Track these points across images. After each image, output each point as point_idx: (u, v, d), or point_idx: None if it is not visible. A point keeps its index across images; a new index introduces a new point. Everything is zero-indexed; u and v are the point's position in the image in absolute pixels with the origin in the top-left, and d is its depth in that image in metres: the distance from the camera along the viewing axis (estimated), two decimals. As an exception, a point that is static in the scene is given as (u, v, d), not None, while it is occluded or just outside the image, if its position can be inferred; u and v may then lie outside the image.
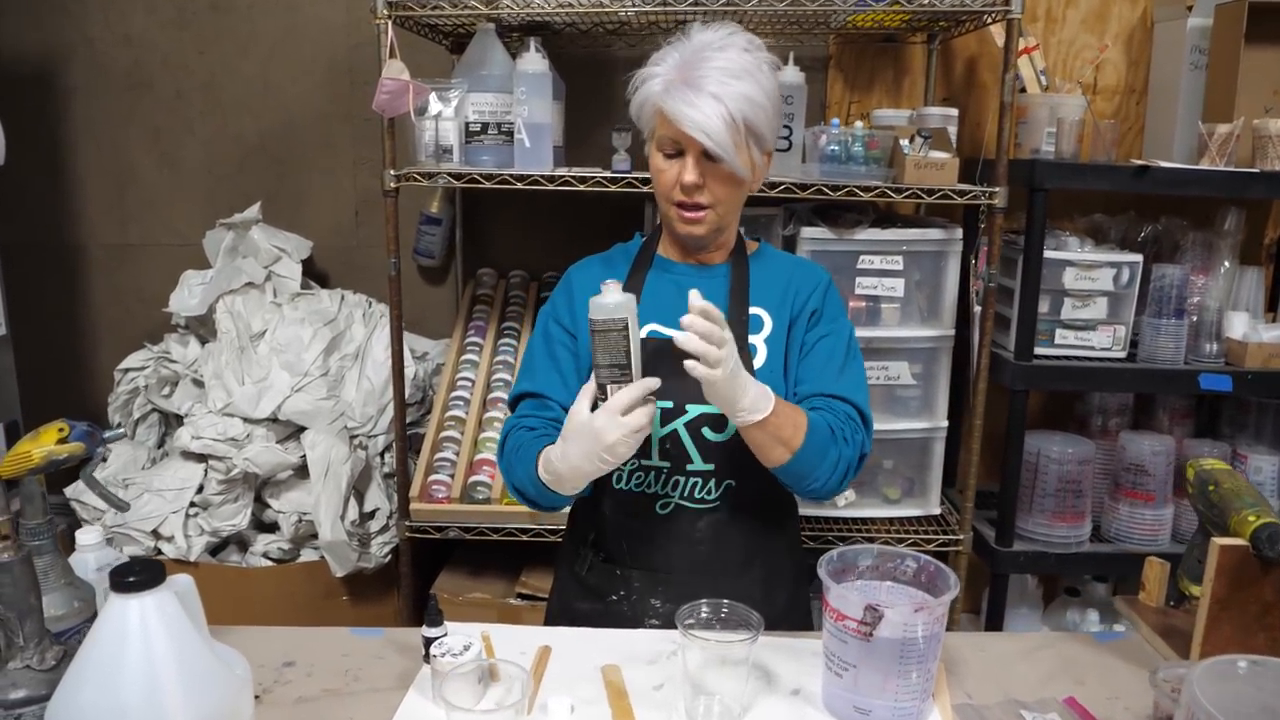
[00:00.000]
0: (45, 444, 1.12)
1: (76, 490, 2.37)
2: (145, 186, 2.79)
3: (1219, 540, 1.17)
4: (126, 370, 2.59)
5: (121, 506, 1.27)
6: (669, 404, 1.36)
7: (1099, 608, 2.41)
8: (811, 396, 1.38)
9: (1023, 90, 2.30)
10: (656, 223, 1.55)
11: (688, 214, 1.36)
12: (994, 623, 2.29)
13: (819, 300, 1.46)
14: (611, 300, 1.20)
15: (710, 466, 1.38)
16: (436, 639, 1.26)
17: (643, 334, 1.38)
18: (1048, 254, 2.13)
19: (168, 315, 2.59)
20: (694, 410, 1.37)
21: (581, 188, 2.02)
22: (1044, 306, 2.18)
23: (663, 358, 1.33)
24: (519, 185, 2.02)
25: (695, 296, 1.18)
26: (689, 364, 1.18)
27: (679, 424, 1.37)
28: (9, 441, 2.38)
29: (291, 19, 2.65)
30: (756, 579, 1.44)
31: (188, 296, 2.56)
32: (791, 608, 1.47)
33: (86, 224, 2.83)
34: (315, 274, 2.78)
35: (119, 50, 2.70)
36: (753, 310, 1.43)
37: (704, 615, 1.17)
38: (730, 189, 1.36)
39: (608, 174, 2.04)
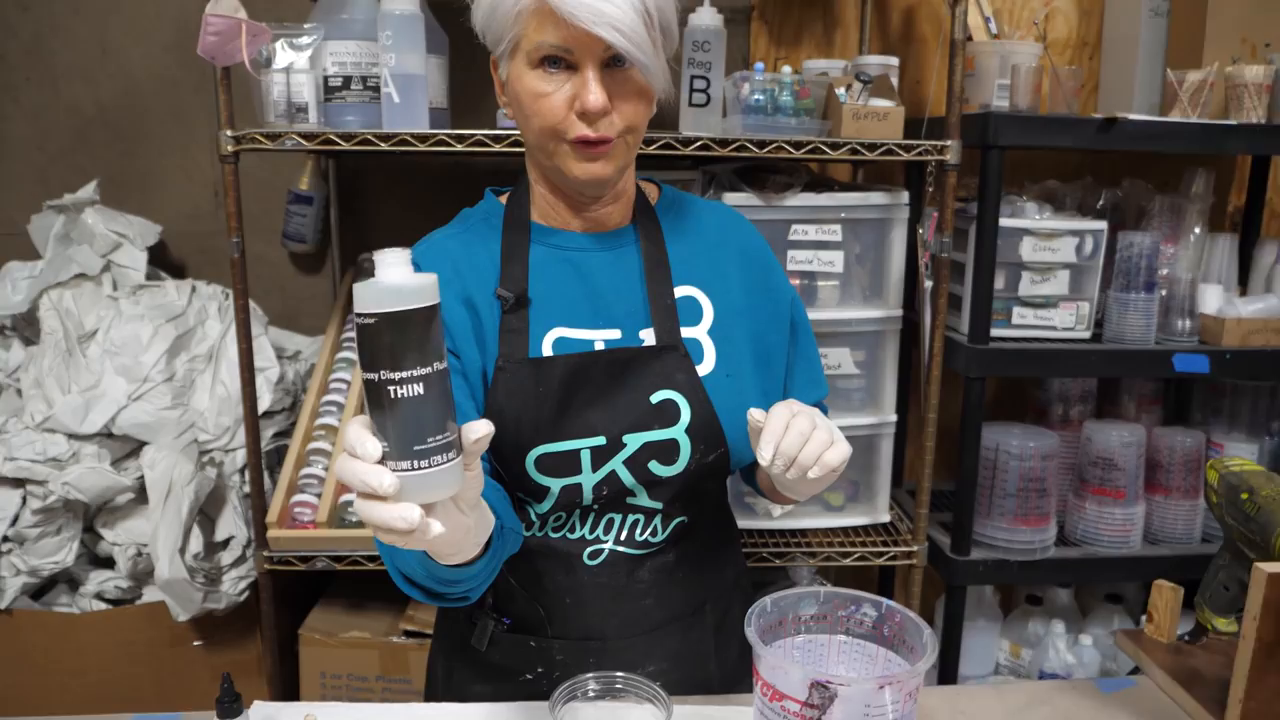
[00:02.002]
0: None
1: None
2: (-35, 166, 2.39)
3: (1265, 567, 0.89)
4: (-59, 381, 2.19)
5: None
6: (600, 440, 1.02)
7: (1063, 616, 2.15)
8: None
9: (968, 39, 2.03)
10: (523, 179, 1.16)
11: (592, 148, 0.99)
12: (950, 638, 2.01)
13: (783, 277, 1.16)
14: (395, 282, 0.70)
15: (657, 504, 1.06)
16: (234, 735, 0.92)
17: (549, 341, 1.05)
18: (1003, 222, 1.87)
19: (-4, 316, 2.21)
20: (634, 442, 1.03)
21: (459, 148, 1.69)
22: (999, 282, 1.91)
23: (580, 377, 1.01)
24: (383, 146, 1.68)
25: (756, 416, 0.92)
26: (822, 473, 0.89)
27: (617, 462, 1.03)
28: None
29: (129, -32, 2.27)
30: (707, 630, 1.13)
31: (10, 292, 2.17)
32: (745, 657, 1.16)
33: (-105, 211, 2.41)
34: (169, 264, 2.41)
35: (-75, 5, 2.30)
36: (681, 291, 1.10)
37: (591, 693, 0.86)
38: (643, 109, 1.01)
39: (491, 132, 1.71)
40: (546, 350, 1.04)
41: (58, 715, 1.87)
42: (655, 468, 1.04)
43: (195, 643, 1.95)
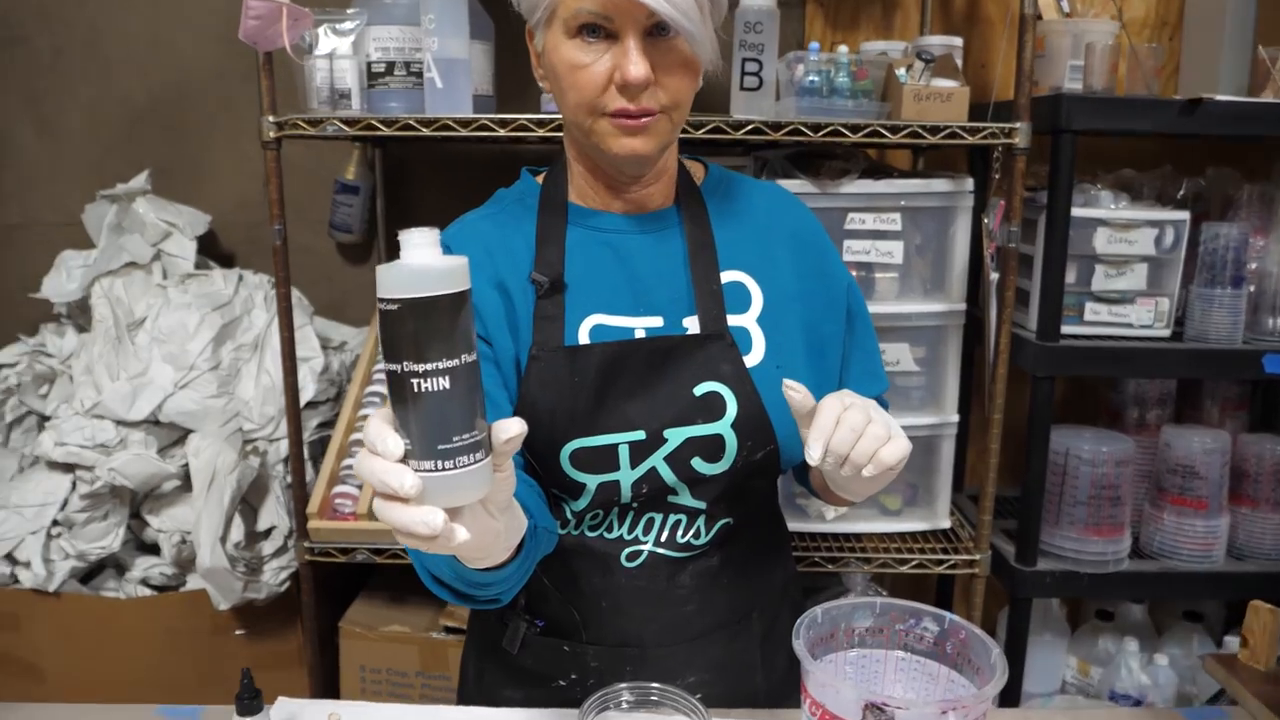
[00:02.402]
0: None
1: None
2: (25, 158, 2.40)
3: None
4: (0, 367, 2.20)
5: None
6: (639, 435, 0.96)
7: (1137, 634, 2.03)
8: None
9: (1038, 18, 1.92)
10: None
11: (630, 121, 0.92)
12: (1014, 653, 1.91)
13: (839, 263, 1.08)
14: (421, 265, 0.64)
15: (701, 504, 1.00)
16: (250, 736, 0.87)
17: (585, 329, 0.98)
18: (1076, 212, 1.76)
19: (51, 304, 2.21)
20: (676, 437, 0.97)
21: (502, 133, 1.64)
22: (1070, 276, 1.81)
23: (618, 366, 0.95)
24: (425, 131, 1.64)
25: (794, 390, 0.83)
26: (877, 471, 0.82)
27: (657, 459, 0.97)
28: None
29: (181, -40, 2.27)
30: (753, 639, 1.06)
31: (65, 280, 2.19)
32: (795, 667, 1.09)
33: (-43, 201, 2.44)
34: (218, 253, 2.41)
35: (-14, -1, 2.32)
36: (728, 276, 1.03)
37: (625, 704, 0.80)
38: (688, 82, 0.94)
39: (535, 116, 1.65)
40: (583, 338, 0.98)
41: (99, 701, 1.87)
42: (698, 465, 0.97)
43: (237, 632, 1.93)
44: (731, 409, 0.98)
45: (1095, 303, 1.84)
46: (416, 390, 0.63)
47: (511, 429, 0.68)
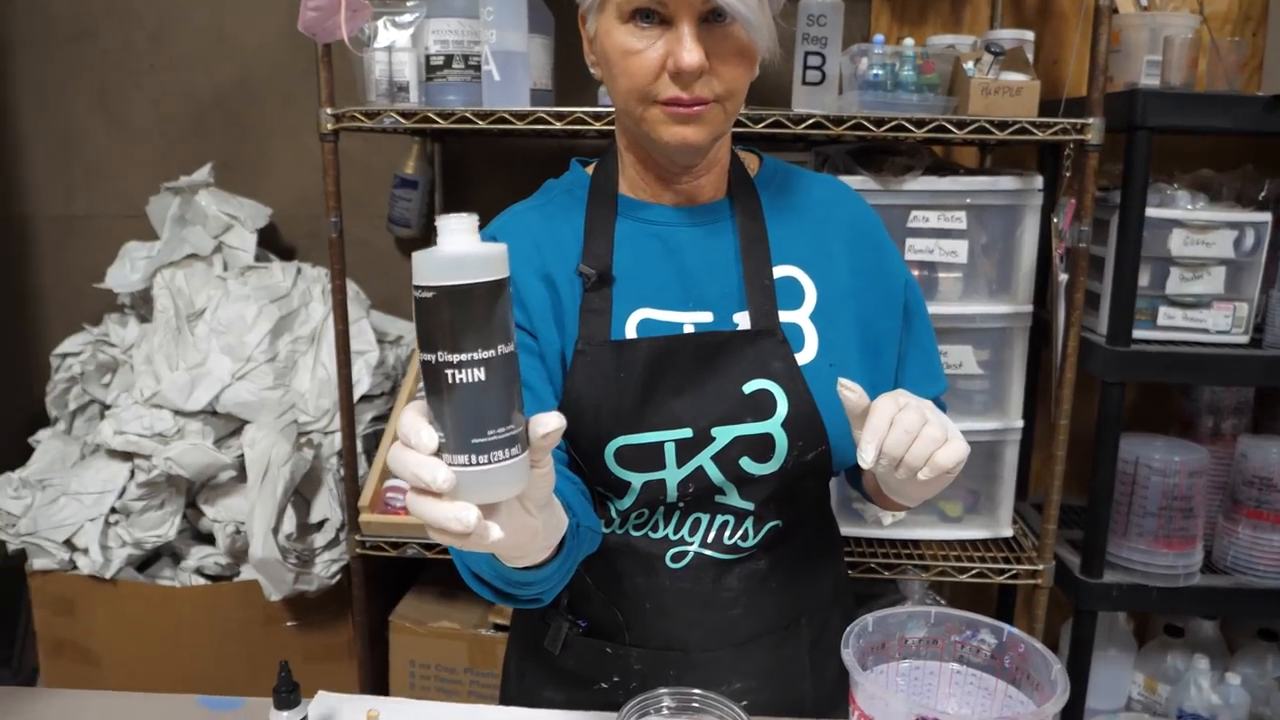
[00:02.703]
0: None
1: (-12, 495, 2.03)
2: (94, 151, 2.45)
3: None
4: (64, 356, 2.25)
5: None
6: (686, 433, 0.93)
7: (1208, 651, 1.95)
8: None
9: (1114, 12, 1.85)
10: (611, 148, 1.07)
11: (683, 109, 0.89)
12: (1078, 667, 1.84)
13: (898, 259, 1.04)
14: (458, 252, 0.62)
15: (749, 504, 0.97)
16: (289, 729, 0.86)
17: (633, 323, 0.96)
18: (1150, 212, 1.69)
19: (115, 294, 2.26)
20: (724, 435, 0.94)
21: (558, 126, 1.62)
22: (1143, 279, 1.74)
23: (665, 362, 0.92)
24: (481, 124, 1.63)
25: (849, 390, 0.80)
26: (933, 474, 0.78)
27: (704, 457, 0.94)
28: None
29: (247, -47, 2.30)
30: (801, 647, 1.02)
31: (128, 271, 2.23)
32: (844, 679, 1.05)
33: (31, 193, 2.50)
34: (279, 246, 2.43)
35: (60, -6, 2.37)
36: (781, 271, 0.99)
37: (666, 710, 0.77)
38: (743, 71, 0.91)
39: (591, 109, 1.63)
40: (630, 332, 0.96)
41: (152, 688, 1.89)
42: (747, 465, 0.94)
43: (288, 623, 1.95)
44: (782, 407, 0.94)
45: (1169, 307, 1.77)
46: (451, 381, 0.61)
47: (550, 423, 0.65)
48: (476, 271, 0.60)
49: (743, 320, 0.97)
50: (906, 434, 0.77)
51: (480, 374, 0.61)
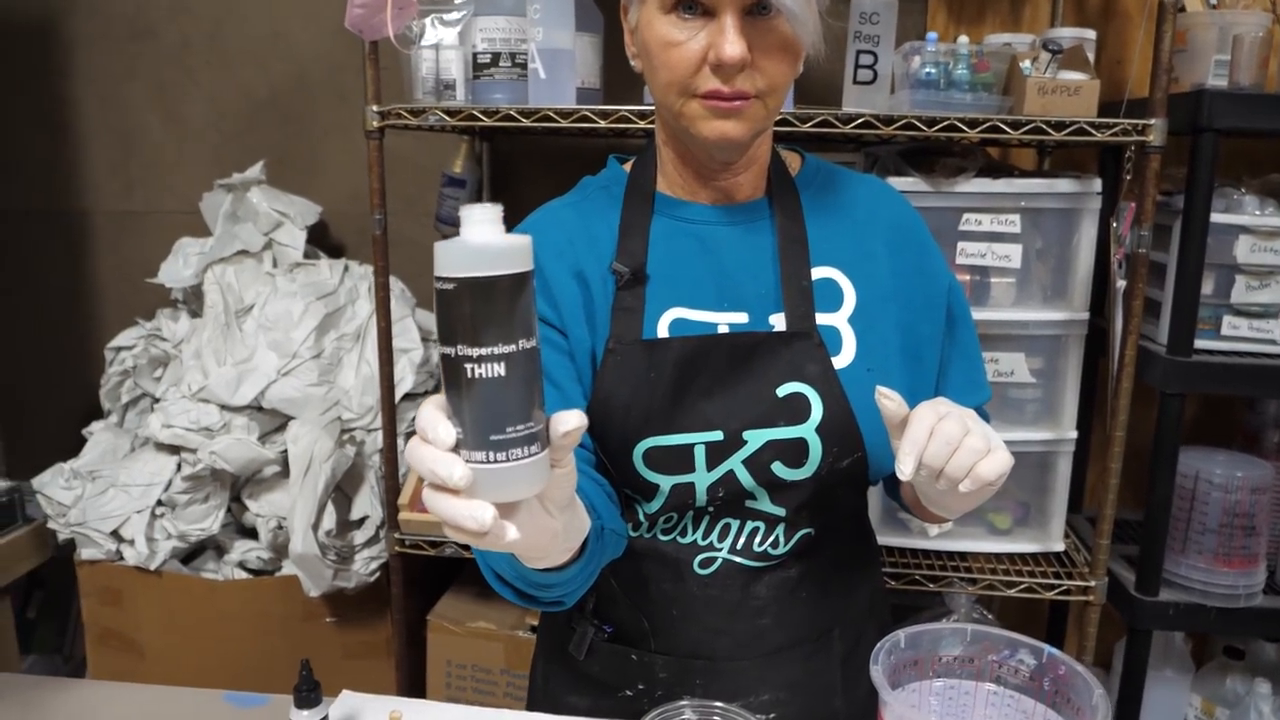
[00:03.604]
0: None
1: (41, 483, 2.07)
2: (150, 147, 2.50)
3: None
4: (118, 349, 2.29)
5: None
6: (717, 435, 0.91)
7: (1270, 675, 1.87)
8: None
9: (1181, 10, 1.79)
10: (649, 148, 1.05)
11: (723, 103, 0.87)
12: (1131, 688, 1.78)
13: (941, 261, 1.00)
14: (480, 243, 0.61)
15: (781, 510, 0.94)
16: (310, 728, 0.85)
17: (665, 322, 0.94)
18: (1215, 218, 1.62)
19: (168, 288, 2.29)
20: (756, 439, 0.91)
21: (603, 124, 1.60)
22: (1207, 287, 1.67)
23: (697, 363, 0.90)
24: (525, 122, 1.62)
25: (887, 399, 0.78)
26: (975, 487, 0.75)
27: (735, 461, 0.92)
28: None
29: (301, -47, 2.32)
30: (833, 660, 0.99)
31: (181, 267, 2.26)
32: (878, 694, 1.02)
33: (90, 188, 2.55)
34: (330, 245, 2.45)
35: (121, -7, 2.42)
36: (820, 273, 0.97)
37: (689, 723, 0.75)
38: (787, 67, 0.88)
39: (637, 108, 1.62)
40: (662, 332, 0.94)
41: (193, 678, 1.91)
42: (779, 470, 0.92)
43: (328, 619, 1.96)
44: (817, 412, 0.92)
45: (1234, 316, 1.70)
46: (470, 376, 0.60)
47: (570, 421, 0.63)
48: (499, 264, 0.59)
49: (778, 322, 0.95)
50: (947, 445, 0.74)
51: (500, 369, 0.60)
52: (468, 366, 0.60)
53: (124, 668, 1.99)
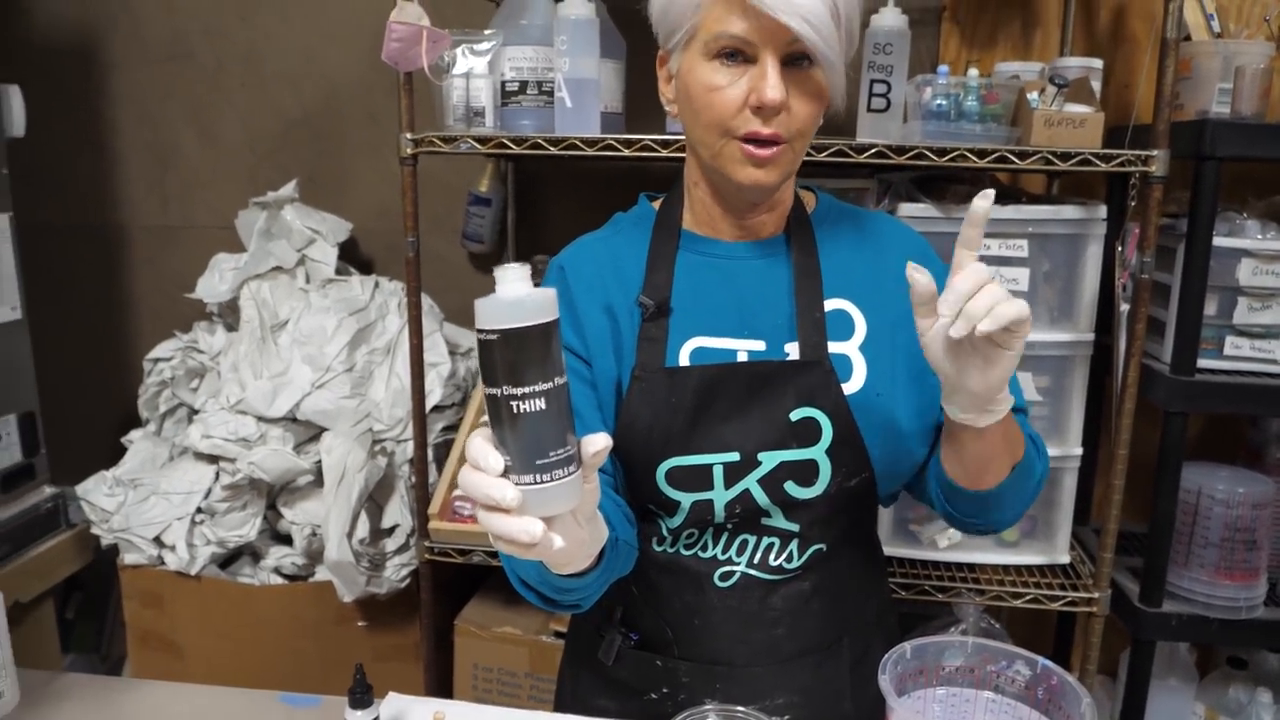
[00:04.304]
0: None
1: (85, 490, 2.16)
2: (187, 164, 2.59)
3: None
4: (156, 361, 2.38)
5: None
6: (734, 456, 0.99)
7: (1272, 685, 1.92)
8: None
9: (1186, 38, 1.85)
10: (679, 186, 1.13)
11: (761, 151, 0.94)
12: (1136, 698, 1.84)
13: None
14: (514, 298, 0.69)
15: (794, 526, 1.01)
16: (362, 728, 0.93)
17: (686, 351, 1.02)
18: (1217, 242, 1.68)
19: (204, 302, 2.38)
20: (770, 460, 0.99)
21: (627, 153, 1.68)
22: (1210, 308, 1.73)
23: (715, 389, 0.98)
24: (553, 150, 1.69)
25: (916, 272, 0.83)
26: (995, 326, 0.79)
27: (750, 480, 0.99)
28: (24, 434, 2.20)
29: (335, -21, 2.40)
30: (842, 667, 1.06)
31: (217, 282, 2.34)
32: (885, 699, 1.08)
33: (127, 204, 2.65)
34: (359, 260, 2.53)
35: (160, 19, 2.50)
36: (833, 304, 1.04)
37: (713, 727, 0.82)
38: (815, 112, 0.97)
39: (660, 137, 1.69)
40: (684, 360, 1.01)
41: (230, 679, 1.99)
42: (792, 489, 0.99)
43: (359, 623, 2.03)
44: (827, 435, 0.99)
45: (1237, 336, 1.76)
46: (515, 411, 0.69)
47: (598, 442, 0.72)
48: (532, 315, 0.68)
49: (793, 350, 1.02)
50: (969, 289, 0.80)
51: (540, 404, 0.69)
52: (512, 403, 0.69)
53: (164, 668, 2.07)
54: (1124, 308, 1.67)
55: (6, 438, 2.14)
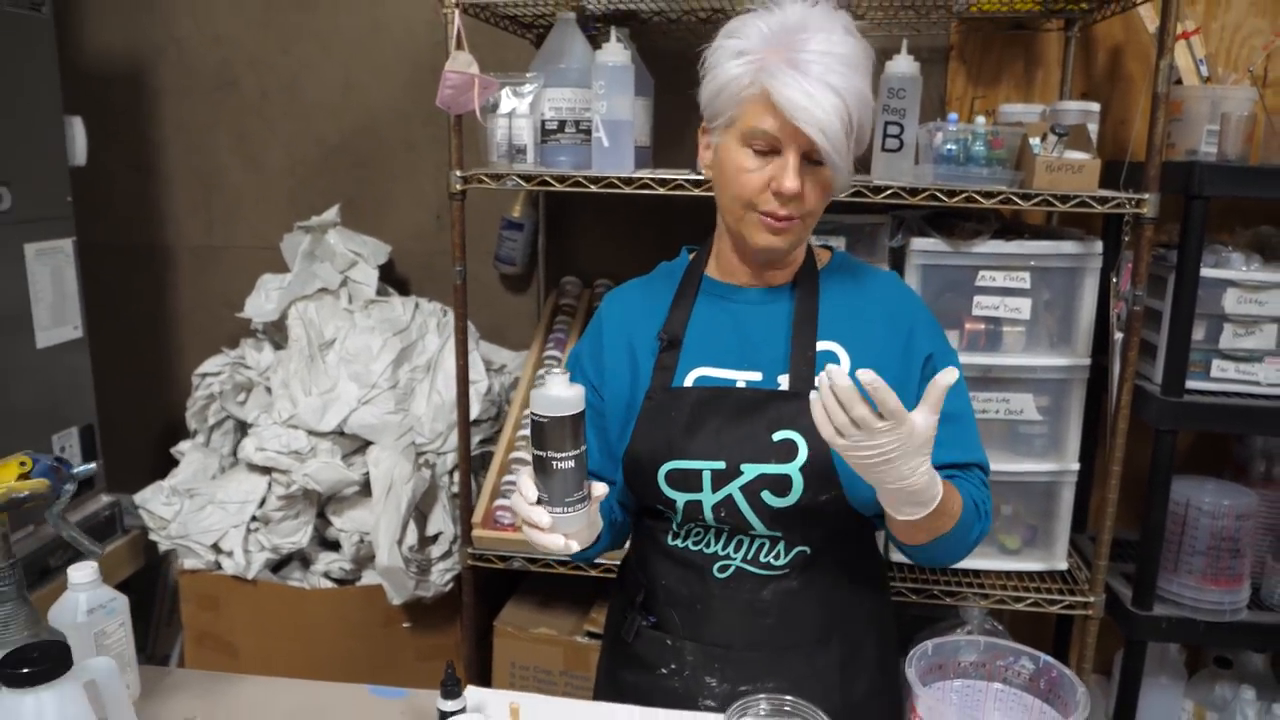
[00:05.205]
0: (4, 479, 0.98)
1: (144, 499, 2.30)
2: (231, 188, 2.73)
3: None
4: (204, 375, 2.51)
5: (93, 553, 1.13)
6: (720, 464, 1.17)
7: (1256, 683, 2.07)
8: (942, 467, 1.10)
9: (1178, 82, 1.99)
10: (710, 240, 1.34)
11: (778, 224, 1.14)
12: (1128, 695, 1.98)
13: (928, 338, 1.21)
14: (558, 395, 1.02)
15: (776, 533, 1.19)
16: (453, 714, 1.08)
17: (691, 377, 1.22)
18: (1205, 273, 1.83)
19: (249, 320, 2.52)
20: (751, 471, 1.16)
21: (661, 191, 1.82)
22: (1199, 334, 1.87)
23: (710, 406, 1.18)
24: (592, 188, 1.84)
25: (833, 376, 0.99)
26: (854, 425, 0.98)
27: (734, 488, 1.17)
28: (84, 446, 2.34)
29: (374, 15, 2.54)
30: (833, 659, 1.22)
31: (264, 301, 2.48)
32: (875, 694, 1.23)
33: (173, 226, 2.79)
34: (395, 280, 2.67)
35: (207, 49, 2.64)
36: (823, 345, 1.21)
37: (762, 712, 0.96)
38: (824, 198, 1.17)
39: (690, 177, 1.83)
40: (687, 384, 1.21)
41: (285, 677, 2.12)
42: (767, 497, 1.16)
43: (404, 625, 2.17)
44: (802, 454, 1.15)
45: (1223, 360, 1.90)
46: (554, 468, 1.03)
47: (600, 489, 1.09)
48: (569, 407, 1.02)
49: (784, 381, 1.20)
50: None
51: (570, 464, 1.04)
52: (552, 462, 1.03)
53: (219, 666, 2.21)
54: (1118, 335, 1.81)
55: (70, 449, 2.28)
